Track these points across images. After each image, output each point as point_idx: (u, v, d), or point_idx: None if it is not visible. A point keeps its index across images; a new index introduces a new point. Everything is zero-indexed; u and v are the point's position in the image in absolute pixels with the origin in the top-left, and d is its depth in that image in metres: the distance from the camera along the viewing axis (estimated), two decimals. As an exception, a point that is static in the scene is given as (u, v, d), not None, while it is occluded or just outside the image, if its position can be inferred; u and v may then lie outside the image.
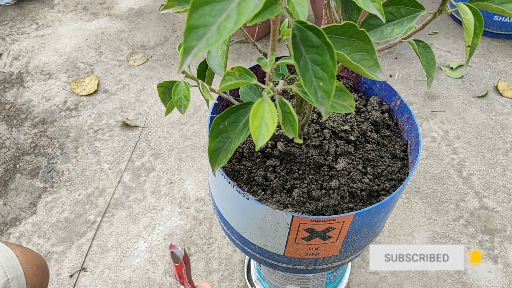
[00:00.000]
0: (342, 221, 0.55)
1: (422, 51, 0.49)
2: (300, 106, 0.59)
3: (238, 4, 0.23)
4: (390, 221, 1.27)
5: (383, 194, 0.63)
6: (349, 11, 0.49)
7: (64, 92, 1.70)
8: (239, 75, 0.41)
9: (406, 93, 1.67)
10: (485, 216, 1.29)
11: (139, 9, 2.14)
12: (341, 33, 0.40)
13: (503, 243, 1.22)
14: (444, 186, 1.36)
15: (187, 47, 0.23)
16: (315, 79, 0.32)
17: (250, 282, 1.14)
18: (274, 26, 0.34)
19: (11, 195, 1.35)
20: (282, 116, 0.40)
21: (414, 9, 0.45)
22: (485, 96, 1.65)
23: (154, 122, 1.57)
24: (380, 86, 0.75)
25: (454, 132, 1.52)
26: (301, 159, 0.64)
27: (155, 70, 1.79)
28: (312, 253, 0.63)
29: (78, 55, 1.86)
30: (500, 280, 1.15)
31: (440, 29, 1.98)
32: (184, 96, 0.51)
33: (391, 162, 0.67)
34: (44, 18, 2.09)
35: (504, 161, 1.43)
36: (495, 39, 1.90)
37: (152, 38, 1.96)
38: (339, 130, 0.68)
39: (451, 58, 1.82)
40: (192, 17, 0.23)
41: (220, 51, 0.55)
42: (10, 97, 1.68)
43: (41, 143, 1.51)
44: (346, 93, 0.45)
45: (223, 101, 0.72)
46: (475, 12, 0.39)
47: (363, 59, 0.40)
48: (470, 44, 0.39)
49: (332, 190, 0.61)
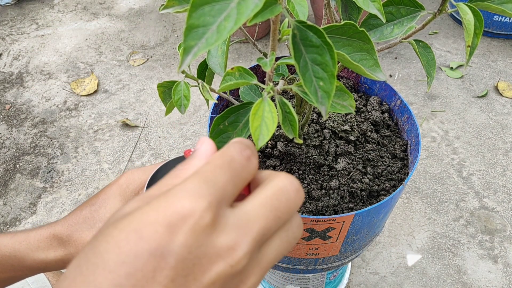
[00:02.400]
0: (342, 221, 0.55)
1: (422, 51, 0.49)
2: (300, 106, 0.59)
3: (238, 4, 0.23)
4: (390, 221, 1.27)
5: (383, 194, 0.63)
6: (349, 11, 0.49)
7: (64, 92, 1.70)
8: (239, 75, 0.41)
9: (406, 93, 1.67)
10: (485, 216, 1.29)
11: (139, 9, 2.14)
12: (341, 33, 0.40)
13: (503, 243, 1.22)
14: (444, 186, 1.36)
15: (187, 47, 0.23)
16: (315, 79, 0.32)
17: (250, 282, 1.14)
18: (274, 26, 0.34)
19: (11, 195, 1.35)
20: (282, 116, 0.40)
21: (414, 9, 0.45)
22: (485, 96, 1.65)
23: (154, 122, 1.57)
24: (380, 86, 0.75)
25: (454, 132, 1.52)
26: (301, 159, 0.64)
27: (155, 70, 1.79)
28: (312, 253, 0.63)
29: (78, 55, 1.86)
30: (500, 280, 1.15)
31: (440, 29, 1.98)
32: (184, 96, 0.51)
33: (391, 162, 0.67)
34: (44, 18, 2.09)
35: (504, 161, 1.43)
36: (495, 39, 1.90)
37: (152, 38, 1.96)
38: (339, 130, 0.68)
39: (451, 58, 1.82)
40: (191, 17, 0.23)
41: (220, 51, 0.55)
42: (10, 97, 1.68)
43: (41, 143, 1.51)
44: (346, 93, 0.45)
45: (223, 101, 0.72)
46: (475, 12, 0.39)
47: (363, 59, 0.40)
48: (470, 44, 0.39)
49: (332, 190, 0.61)
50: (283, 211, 0.22)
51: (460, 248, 1.22)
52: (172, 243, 0.19)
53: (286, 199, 0.22)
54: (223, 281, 0.20)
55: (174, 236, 0.19)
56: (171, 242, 0.19)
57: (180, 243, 0.19)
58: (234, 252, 0.20)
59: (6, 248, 0.41)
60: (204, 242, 0.19)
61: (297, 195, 0.23)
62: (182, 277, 0.19)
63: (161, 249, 0.19)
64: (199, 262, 0.19)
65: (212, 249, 0.20)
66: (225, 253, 0.20)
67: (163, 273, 0.19)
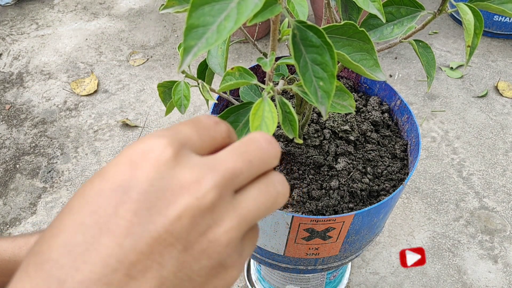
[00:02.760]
0: (342, 221, 0.55)
1: (422, 51, 0.49)
2: (300, 106, 0.59)
3: (238, 4, 0.23)
4: (390, 221, 1.27)
5: (383, 194, 0.63)
6: (349, 11, 0.49)
7: (64, 92, 1.70)
8: (239, 75, 0.41)
9: (406, 93, 1.67)
10: (485, 216, 1.29)
11: (139, 9, 2.14)
12: (341, 33, 0.40)
13: (503, 243, 1.22)
14: (444, 186, 1.36)
15: (187, 47, 0.23)
16: (315, 79, 0.32)
17: (250, 282, 1.14)
18: (274, 26, 0.34)
19: (11, 195, 1.35)
20: (282, 116, 0.40)
21: (414, 9, 0.45)
22: (485, 96, 1.65)
23: (154, 122, 1.57)
24: (380, 86, 0.75)
25: (454, 132, 1.52)
26: (301, 159, 0.64)
27: (155, 70, 1.79)
28: (312, 253, 0.63)
29: (78, 55, 1.86)
30: (500, 280, 1.15)
31: (440, 29, 1.98)
32: (184, 96, 0.51)
33: (391, 162, 0.67)
34: (44, 18, 2.09)
35: (504, 161, 1.43)
36: (495, 39, 1.90)
37: (152, 38, 1.96)
38: (339, 130, 0.68)
39: (451, 58, 1.82)
40: (192, 17, 0.23)
41: (220, 51, 0.55)
42: (10, 97, 1.68)
43: (41, 143, 1.51)
44: (346, 93, 0.45)
45: (223, 101, 0.72)
46: (475, 12, 0.39)
47: (363, 59, 0.40)
48: (470, 44, 0.39)
49: (332, 190, 0.61)
50: (253, 156, 0.21)
51: (460, 248, 1.22)
52: (134, 178, 0.19)
53: (256, 147, 0.22)
54: (191, 216, 0.19)
55: (135, 171, 0.19)
56: (133, 177, 0.19)
57: (142, 177, 0.19)
58: (199, 185, 0.19)
59: (6, 252, 0.41)
60: (167, 175, 0.19)
61: (269, 145, 0.22)
62: (145, 210, 0.18)
63: (123, 185, 0.19)
64: (162, 195, 0.19)
65: (176, 182, 0.19)
66: (189, 186, 0.19)
67: (125, 207, 0.18)
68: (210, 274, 0.20)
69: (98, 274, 0.17)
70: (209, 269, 0.20)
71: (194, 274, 0.19)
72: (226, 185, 0.20)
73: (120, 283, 0.18)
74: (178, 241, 0.19)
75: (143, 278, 0.18)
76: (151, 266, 0.18)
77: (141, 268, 0.18)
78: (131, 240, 0.18)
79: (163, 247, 0.18)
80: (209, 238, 0.19)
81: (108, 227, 0.18)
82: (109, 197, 0.19)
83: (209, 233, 0.19)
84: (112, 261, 0.18)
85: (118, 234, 0.18)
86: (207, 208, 0.19)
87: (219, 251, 0.20)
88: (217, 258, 0.20)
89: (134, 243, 0.18)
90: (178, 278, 0.19)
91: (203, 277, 0.20)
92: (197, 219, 0.19)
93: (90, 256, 0.18)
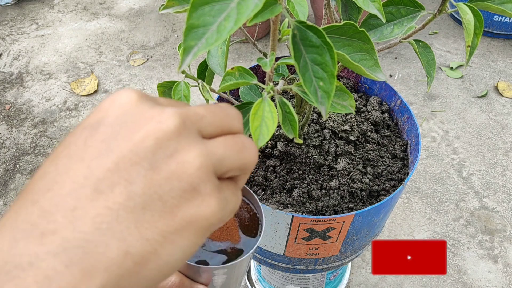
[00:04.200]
0: (342, 221, 0.55)
1: (422, 51, 0.49)
2: (300, 106, 0.59)
3: (238, 4, 0.23)
4: (390, 221, 1.27)
5: (383, 194, 0.63)
6: (349, 11, 0.49)
7: (64, 92, 1.70)
8: (239, 75, 0.41)
9: (406, 93, 1.67)
10: (485, 216, 1.29)
11: (139, 9, 2.14)
12: (341, 33, 0.40)
13: (503, 243, 1.22)
14: (444, 186, 1.36)
15: (187, 47, 0.23)
16: (315, 79, 0.32)
17: (250, 282, 1.14)
18: (274, 26, 0.34)
19: (11, 195, 1.35)
20: (282, 116, 0.40)
21: (414, 9, 0.45)
22: (485, 96, 1.65)
23: (154, 122, 1.57)
24: (380, 86, 0.75)
25: (454, 132, 1.52)
26: (301, 159, 0.64)
27: (155, 70, 1.79)
28: (312, 253, 0.63)
29: (78, 55, 1.86)
30: (500, 280, 1.15)
31: (440, 29, 1.98)
32: (184, 96, 0.51)
33: (391, 162, 0.67)
34: (44, 18, 2.09)
35: (504, 161, 1.43)
36: (495, 39, 1.90)
37: (152, 38, 1.96)
38: (339, 130, 0.68)
39: (451, 58, 1.82)
40: (191, 17, 0.23)
41: (220, 51, 0.55)
42: (10, 97, 1.68)
43: (41, 143, 1.51)
44: (346, 93, 0.45)
45: (223, 101, 0.72)
46: (475, 12, 0.39)
47: (363, 59, 0.40)
48: (470, 44, 0.39)
49: (332, 190, 0.61)
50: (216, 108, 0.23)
51: (460, 248, 1.22)
52: (102, 118, 0.21)
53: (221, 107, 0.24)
54: (155, 138, 0.20)
55: (105, 113, 0.21)
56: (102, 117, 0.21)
57: (110, 115, 0.21)
58: (162, 113, 0.21)
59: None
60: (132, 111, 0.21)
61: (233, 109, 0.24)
62: (112, 137, 0.20)
63: (93, 123, 0.21)
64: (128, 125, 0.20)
65: (142, 115, 0.21)
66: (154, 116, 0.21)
67: (94, 137, 0.20)
68: (183, 197, 0.20)
69: (67, 189, 0.19)
70: (181, 192, 0.20)
71: (165, 194, 0.20)
72: (188, 117, 0.21)
73: (89, 197, 0.19)
74: (143, 160, 0.20)
75: (111, 193, 0.19)
76: (118, 182, 0.19)
77: (109, 183, 0.19)
78: (98, 160, 0.20)
79: (129, 165, 0.20)
80: (177, 160, 0.20)
81: (78, 155, 0.20)
82: (80, 133, 0.21)
83: (177, 156, 0.20)
84: (79, 179, 0.19)
85: (87, 159, 0.20)
86: (171, 131, 0.20)
87: (190, 173, 0.20)
88: (188, 181, 0.20)
89: (101, 162, 0.20)
90: (148, 195, 0.20)
91: (175, 199, 0.20)
92: (162, 141, 0.20)
93: (61, 178, 0.20)
